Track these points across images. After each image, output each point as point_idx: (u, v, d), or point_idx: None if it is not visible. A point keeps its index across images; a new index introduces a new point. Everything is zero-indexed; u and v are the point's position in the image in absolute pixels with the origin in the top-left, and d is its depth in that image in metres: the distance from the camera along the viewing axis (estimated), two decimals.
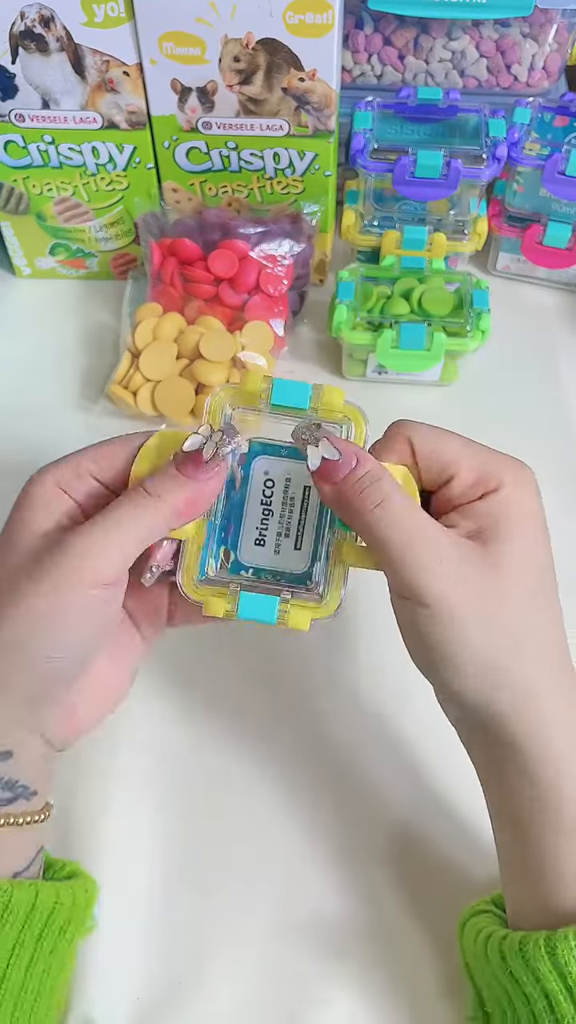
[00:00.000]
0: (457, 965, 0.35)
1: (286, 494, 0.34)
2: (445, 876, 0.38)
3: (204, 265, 0.54)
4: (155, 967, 0.36)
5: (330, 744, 0.42)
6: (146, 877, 0.38)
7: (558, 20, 0.57)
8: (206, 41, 0.49)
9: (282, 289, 0.54)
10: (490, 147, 0.54)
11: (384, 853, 0.39)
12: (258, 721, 0.43)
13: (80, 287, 0.64)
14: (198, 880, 0.38)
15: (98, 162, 0.56)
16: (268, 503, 0.34)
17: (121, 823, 0.39)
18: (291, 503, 0.34)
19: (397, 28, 0.58)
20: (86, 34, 0.49)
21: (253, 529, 0.34)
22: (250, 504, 0.34)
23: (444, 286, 0.55)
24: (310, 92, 0.51)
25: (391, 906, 0.38)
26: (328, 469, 0.29)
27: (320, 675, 0.44)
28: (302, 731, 0.43)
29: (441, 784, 0.41)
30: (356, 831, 0.40)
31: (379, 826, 0.40)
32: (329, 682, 0.44)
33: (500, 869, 0.33)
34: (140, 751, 0.42)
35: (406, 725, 0.42)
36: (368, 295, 0.54)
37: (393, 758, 0.42)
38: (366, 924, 0.37)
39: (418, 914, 0.37)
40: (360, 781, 0.41)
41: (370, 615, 0.44)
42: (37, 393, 0.57)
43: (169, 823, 0.40)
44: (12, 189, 0.57)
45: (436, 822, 0.40)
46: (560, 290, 0.63)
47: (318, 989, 0.36)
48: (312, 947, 0.37)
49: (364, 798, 0.41)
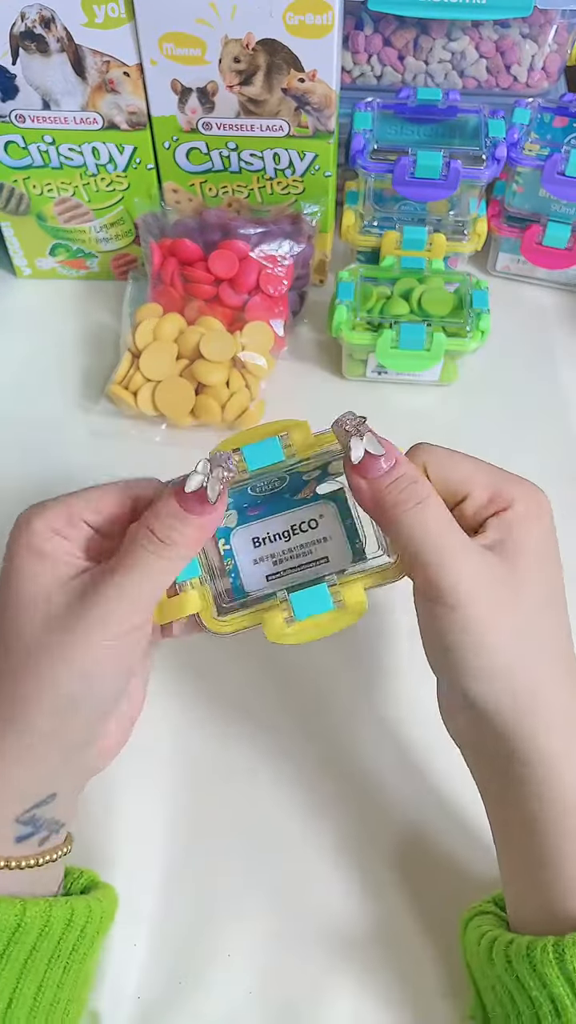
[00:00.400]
0: (458, 964, 0.35)
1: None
2: (448, 875, 0.38)
3: (204, 265, 0.54)
4: (155, 967, 0.36)
5: (333, 745, 0.42)
6: (147, 877, 0.38)
7: (558, 21, 0.57)
8: (206, 42, 0.49)
9: (282, 289, 0.55)
10: (490, 148, 0.54)
11: (387, 853, 0.39)
12: (259, 722, 0.43)
13: (80, 287, 0.64)
14: (199, 880, 0.38)
15: (98, 163, 0.56)
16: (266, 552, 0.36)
17: (122, 824, 0.39)
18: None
19: (397, 29, 0.58)
20: (86, 35, 0.49)
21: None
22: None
23: (444, 286, 0.55)
24: (310, 93, 0.51)
25: (394, 906, 0.38)
26: (369, 464, 0.30)
27: (324, 676, 0.44)
28: (305, 732, 0.43)
29: (445, 785, 0.41)
30: (359, 831, 0.40)
31: (382, 826, 0.40)
32: (332, 683, 0.44)
33: (500, 870, 0.33)
34: (142, 754, 0.42)
35: (411, 727, 0.42)
36: (368, 295, 0.54)
37: (397, 759, 0.42)
38: (368, 924, 0.37)
39: (421, 914, 0.37)
40: (364, 781, 0.41)
41: (374, 617, 0.44)
42: (37, 393, 0.57)
43: (170, 823, 0.40)
44: (12, 190, 0.57)
45: (439, 822, 0.40)
46: (560, 290, 0.63)
47: (319, 989, 0.36)
48: (313, 947, 0.37)
49: (367, 798, 0.41)
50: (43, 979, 0.31)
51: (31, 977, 0.30)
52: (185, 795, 0.41)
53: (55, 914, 0.31)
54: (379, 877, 0.38)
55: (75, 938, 0.32)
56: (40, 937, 0.30)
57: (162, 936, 0.37)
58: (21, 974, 0.30)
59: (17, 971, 0.30)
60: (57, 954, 0.31)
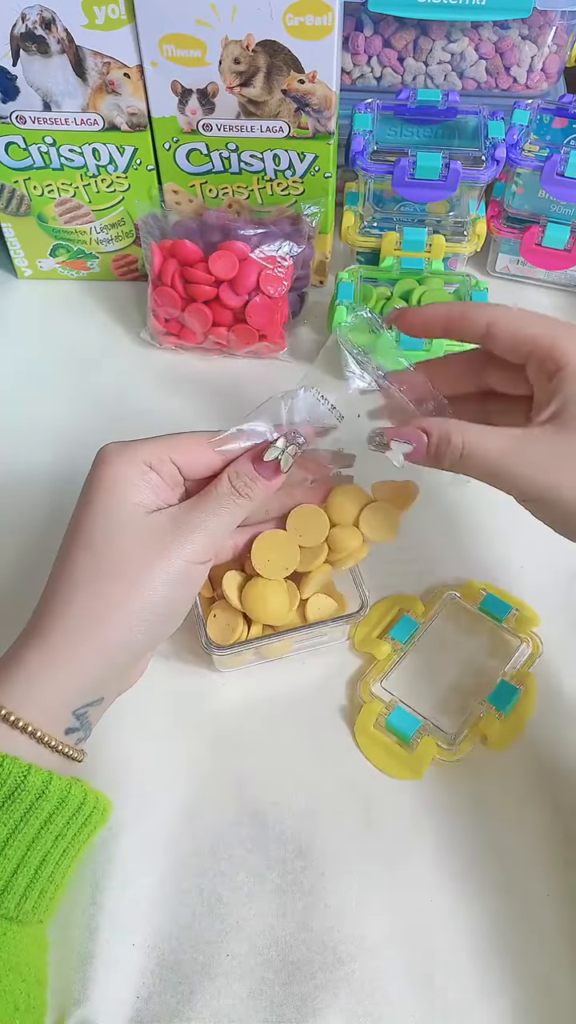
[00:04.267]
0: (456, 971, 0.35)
1: None
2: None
3: (205, 266, 0.54)
4: (155, 967, 0.36)
5: (333, 745, 0.42)
6: (147, 877, 0.38)
7: (557, 22, 0.57)
8: (206, 43, 0.49)
9: (282, 290, 0.55)
10: (489, 149, 0.54)
11: (388, 854, 0.39)
12: (260, 724, 0.43)
13: (81, 288, 0.64)
14: (198, 880, 0.38)
15: (99, 164, 0.56)
16: None
17: (121, 823, 0.39)
18: None
19: (397, 30, 0.58)
20: (87, 36, 0.49)
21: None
22: None
23: (443, 287, 0.55)
24: (310, 94, 0.51)
25: (396, 908, 0.38)
26: (413, 458, 0.35)
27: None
28: (305, 735, 0.43)
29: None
30: (359, 831, 0.40)
31: (383, 828, 0.40)
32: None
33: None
34: (141, 753, 0.42)
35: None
36: (368, 296, 0.55)
37: None
38: (369, 925, 0.37)
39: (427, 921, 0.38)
40: (364, 778, 0.41)
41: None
42: (38, 394, 0.57)
43: (170, 823, 0.40)
44: (13, 191, 0.58)
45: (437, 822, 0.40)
46: (559, 291, 0.63)
47: (319, 989, 0.36)
48: (314, 947, 0.37)
49: (367, 796, 0.41)
50: (47, 853, 0.32)
51: (39, 846, 0.32)
52: (186, 795, 0.41)
53: (73, 792, 0.33)
54: (379, 878, 0.39)
55: (81, 822, 0.34)
56: (57, 808, 0.32)
57: (162, 936, 0.37)
58: (33, 840, 0.32)
59: (31, 836, 0.32)
60: (64, 832, 0.33)
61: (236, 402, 0.56)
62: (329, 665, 0.45)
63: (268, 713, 0.43)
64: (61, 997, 0.35)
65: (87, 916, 0.37)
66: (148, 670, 0.39)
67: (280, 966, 0.36)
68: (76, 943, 0.36)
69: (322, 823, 0.40)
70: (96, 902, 0.37)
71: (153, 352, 0.59)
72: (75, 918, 0.37)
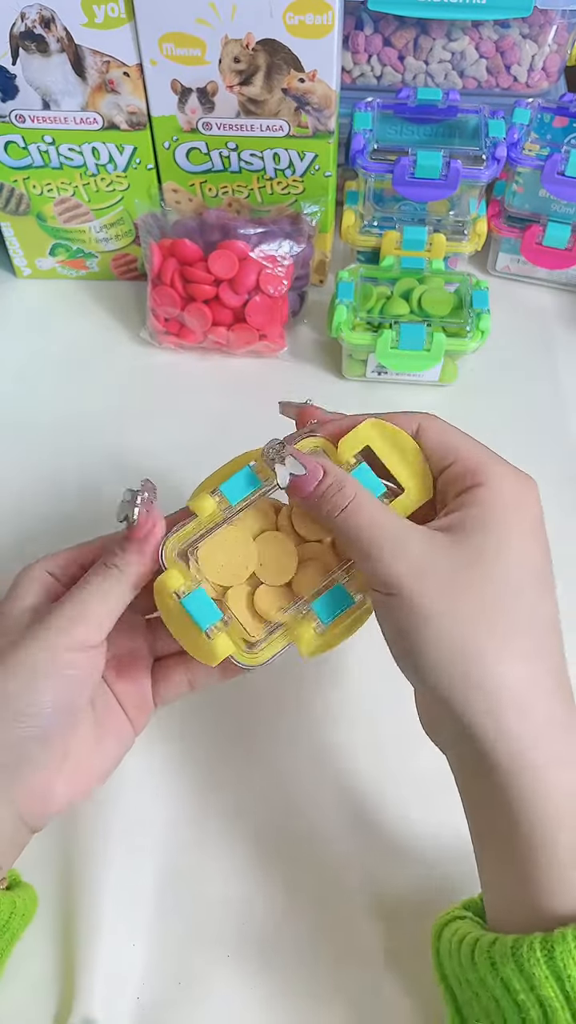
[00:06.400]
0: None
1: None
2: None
3: (204, 266, 0.54)
4: (155, 967, 0.36)
5: (332, 747, 0.42)
6: (146, 877, 0.38)
7: (557, 21, 0.57)
8: (206, 42, 0.49)
9: (282, 290, 0.55)
10: (490, 148, 0.54)
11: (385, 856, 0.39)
12: (260, 727, 0.43)
13: (80, 287, 0.64)
14: (198, 880, 0.38)
15: (98, 163, 0.56)
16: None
17: (120, 823, 0.39)
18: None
19: (397, 29, 0.58)
20: (86, 35, 0.49)
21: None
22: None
23: (444, 286, 0.55)
24: (310, 93, 0.51)
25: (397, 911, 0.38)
26: (297, 484, 0.32)
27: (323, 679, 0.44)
28: (305, 735, 0.43)
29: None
30: (357, 837, 0.40)
31: (380, 832, 0.40)
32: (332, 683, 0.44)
33: (480, 871, 0.31)
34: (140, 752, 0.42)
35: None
36: (368, 295, 0.54)
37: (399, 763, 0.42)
38: (369, 927, 0.37)
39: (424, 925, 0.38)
40: (361, 783, 0.41)
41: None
42: (37, 393, 0.57)
43: (170, 825, 0.40)
44: (12, 190, 0.58)
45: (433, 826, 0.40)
46: (560, 290, 0.63)
47: (320, 989, 0.36)
48: (314, 947, 0.37)
49: (365, 801, 0.41)
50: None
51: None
52: (185, 795, 0.41)
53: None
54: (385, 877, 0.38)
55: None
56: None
57: (162, 936, 0.37)
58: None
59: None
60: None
61: (236, 402, 0.56)
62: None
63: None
64: (61, 997, 0.35)
65: (87, 916, 0.37)
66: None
67: (282, 966, 0.36)
68: (76, 943, 0.36)
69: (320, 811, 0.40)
70: (96, 902, 0.37)
71: (153, 351, 0.59)
72: (75, 918, 0.37)
